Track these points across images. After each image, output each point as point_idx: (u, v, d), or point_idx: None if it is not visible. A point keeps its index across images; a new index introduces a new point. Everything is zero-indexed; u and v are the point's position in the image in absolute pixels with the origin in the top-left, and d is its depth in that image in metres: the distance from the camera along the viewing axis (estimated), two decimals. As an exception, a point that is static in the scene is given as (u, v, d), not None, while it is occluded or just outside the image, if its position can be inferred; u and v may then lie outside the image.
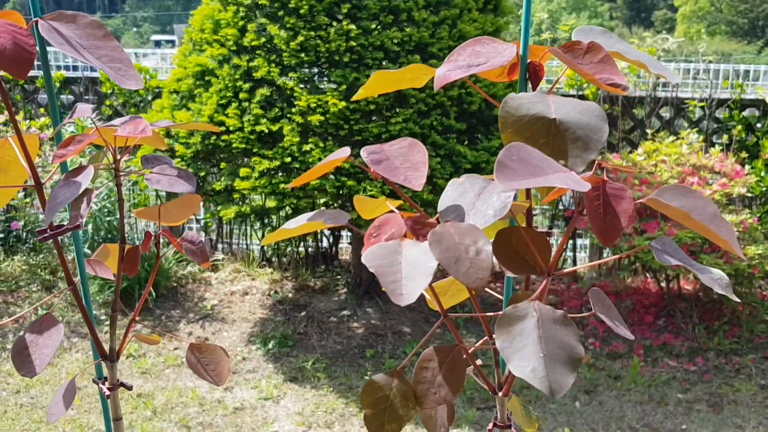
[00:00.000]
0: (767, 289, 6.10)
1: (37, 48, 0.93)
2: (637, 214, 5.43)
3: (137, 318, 1.31)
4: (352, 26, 4.78)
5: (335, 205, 5.05)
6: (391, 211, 1.05)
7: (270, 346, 5.34)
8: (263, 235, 6.82)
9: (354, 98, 1.16)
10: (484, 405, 4.68)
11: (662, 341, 5.41)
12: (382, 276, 0.83)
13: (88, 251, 6.02)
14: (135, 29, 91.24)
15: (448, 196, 0.96)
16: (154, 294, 5.93)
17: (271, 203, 4.88)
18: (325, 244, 6.78)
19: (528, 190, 1.07)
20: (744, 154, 6.07)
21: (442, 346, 1.07)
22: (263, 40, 4.98)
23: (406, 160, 0.93)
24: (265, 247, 6.84)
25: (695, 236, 5.11)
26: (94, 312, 5.79)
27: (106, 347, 1.32)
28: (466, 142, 5.16)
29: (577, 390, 4.87)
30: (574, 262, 6.96)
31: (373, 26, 4.90)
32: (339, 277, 6.40)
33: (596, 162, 0.97)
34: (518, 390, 4.83)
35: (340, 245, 6.88)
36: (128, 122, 1.03)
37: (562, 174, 0.86)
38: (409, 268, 0.84)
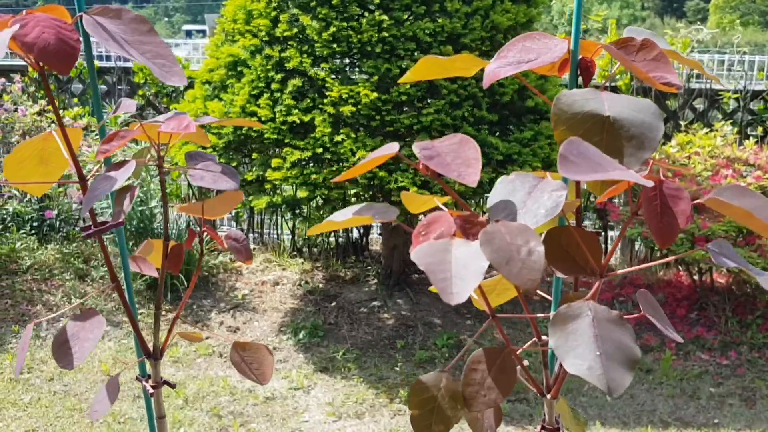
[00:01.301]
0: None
1: (81, 43, 0.93)
2: (670, 206, 5.38)
3: (181, 314, 1.31)
4: (385, 17, 4.77)
5: (366, 195, 5.05)
6: (438, 208, 1.04)
7: (301, 336, 5.36)
8: (294, 226, 6.84)
9: (401, 81, 1.15)
10: (515, 397, 4.67)
11: (694, 335, 5.37)
12: (432, 274, 0.83)
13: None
14: (166, 19, 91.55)
15: (498, 194, 0.95)
16: (185, 283, 5.96)
17: (302, 194, 4.88)
18: (355, 234, 6.79)
19: (578, 189, 1.05)
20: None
21: (492, 348, 1.06)
22: (295, 30, 4.98)
23: (458, 156, 0.92)
24: (296, 237, 6.85)
25: (728, 229, 5.07)
26: (126, 301, 5.83)
27: (149, 345, 1.32)
28: (498, 133, 5.13)
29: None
30: (605, 253, 6.91)
31: (405, 17, 4.88)
32: (369, 267, 6.40)
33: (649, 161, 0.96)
34: (549, 382, 4.82)
35: (370, 236, 6.89)
36: (172, 118, 1.03)
37: (623, 170, 0.85)
38: (459, 268, 0.83)
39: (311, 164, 4.89)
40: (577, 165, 0.83)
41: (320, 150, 4.79)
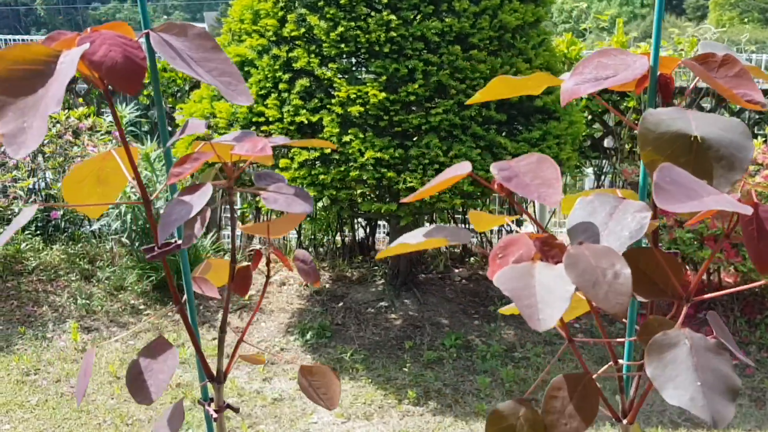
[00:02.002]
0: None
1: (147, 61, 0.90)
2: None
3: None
4: (393, 17, 4.75)
5: (372, 196, 5.03)
6: (507, 226, 1.01)
7: (308, 337, 5.34)
8: (300, 225, 6.82)
9: (471, 101, 1.12)
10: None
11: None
12: (517, 299, 0.81)
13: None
14: (165, 17, 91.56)
15: (577, 215, 0.92)
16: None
17: (310, 194, 4.86)
18: (361, 234, 6.77)
19: (655, 208, 1.03)
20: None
21: (572, 374, 1.03)
22: (303, 30, 4.96)
23: (536, 176, 0.90)
24: (302, 237, 6.83)
25: (738, 229, 5.04)
26: (132, 301, 5.82)
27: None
28: (506, 133, 5.11)
29: (617, 383, 4.83)
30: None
31: (413, 16, 4.87)
32: (376, 267, 6.38)
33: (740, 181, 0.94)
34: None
35: (376, 235, 6.87)
36: (245, 140, 1.00)
37: (718, 197, 0.83)
38: (544, 293, 0.81)
39: (319, 164, 4.87)
40: (671, 194, 0.81)
41: (328, 151, 4.77)
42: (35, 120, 0.77)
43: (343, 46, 4.84)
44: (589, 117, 6.41)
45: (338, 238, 6.76)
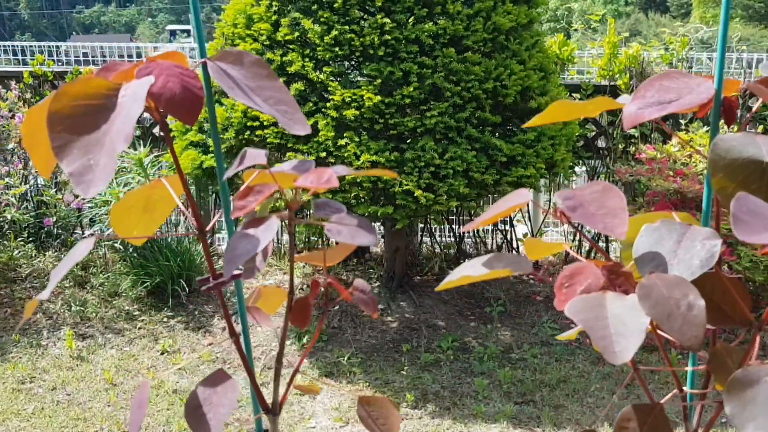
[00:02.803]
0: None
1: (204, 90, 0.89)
2: (672, 205, 5.38)
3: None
4: (387, 20, 4.75)
5: (367, 199, 5.02)
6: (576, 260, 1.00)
7: (305, 340, 5.33)
8: (294, 229, 6.80)
9: (528, 125, 1.11)
10: (522, 399, 4.65)
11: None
12: (590, 331, 0.79)
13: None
14: (150, 19, 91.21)
15: (642, 243, 0.91)
16: (187, 289, 5.93)
17: (305, 197, 4.85)
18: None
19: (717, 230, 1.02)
20: (733, 128, 5.99)
21: (641, 404, 1.01)
22: (297, 34, 4.95)
23: (602, 206, 0.89)
24: (296, 241, 6.82)
25: (726, 227, 5.06)
26: (126, 308, 5.80)
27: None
28: (501, 135, 5.12)
29: (615, 383, 4.84)
30: (607, 252, 6.90)
31: (407, 19, 4.86)
32: (372, 270, 6.38)
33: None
34: (555, 383, 4.81)
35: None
36: (309, 171, 0.98)
37: None
38: (618, 324, 0.80)
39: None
40: (750, 225, 0.80)
41: (324, 154, 4.77)
42: (101, 157, 0.76)
43: (337, 49, 4.84)
44: (582, 117, 6.41)
45: (332, 241, 6.75)
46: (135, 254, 5.96)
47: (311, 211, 1.03)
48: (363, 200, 5.00)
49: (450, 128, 4.83)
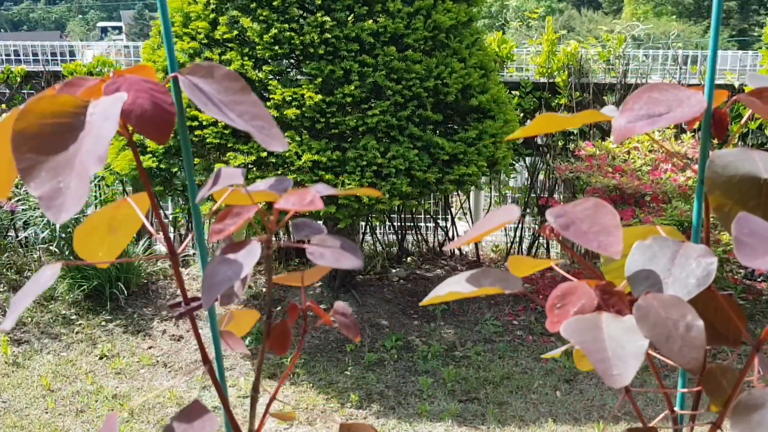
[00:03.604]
0: (738, 273, 6.17)
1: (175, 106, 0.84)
2: (612, 201, 5.44)
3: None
4: (327, 18, 4.71)
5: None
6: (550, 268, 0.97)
7: (246, 342, 5.27)
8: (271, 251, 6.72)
9: (512, 137, 1.08)
10: (466, 397, 4.66)
11: None
12: (589, 354, 0.77)
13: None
14: (80, 16, 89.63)
15: (635, 261, 0.88)
16: (125, 292, 5.82)
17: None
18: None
19: (707, 240, 1.00)
20: (716, 141, 6.09)
21: (636, 428, 0.99)
22: (235, 32, 4.88)
23: (594, 223, 0.86)
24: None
25: (670, 223, 5.13)
26: (63, 312, 5.67)
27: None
28: (443, 133, 5.12)
29: (558, 379, 4.88)
30: (547, 248, 6.96)
31: (347, 17, 4.83)
32: (309, 266, 6.33)
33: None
34: (499, 381, 4.83)
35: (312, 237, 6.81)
36: (290, 192, 0.93)
37: None
38: (615, 347, 0.77)
39: (255, 169, 4.80)
40: (754, 248, 0.78)
41: (264, 154, 4.71)
42: (71, 179, 0.71)
43: (276, 48, 4.78)
44: (522, 115, 6.45)
45: (273, 240, 6.67)
46: (71, 257, 5.84)
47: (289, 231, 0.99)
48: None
49: (392, 127, 4.81)
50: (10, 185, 0.84)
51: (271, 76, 4.88)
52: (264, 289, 6.02)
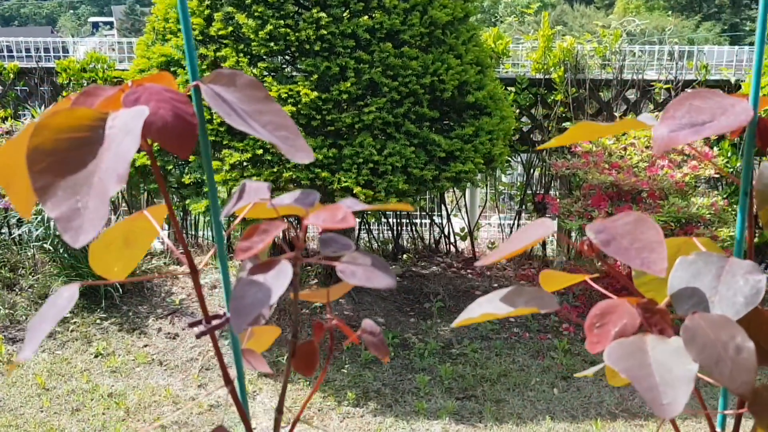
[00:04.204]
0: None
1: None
2: (608, 198, 5.42)
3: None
4: (323, 14, 4.68)
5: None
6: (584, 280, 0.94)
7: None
8: (229, 226, 6.69)
9: (546, 146, 1.05)
10: (463, 395, 4.65)
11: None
12: (635, 381, 0.73)
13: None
14: (72, 11, 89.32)
15: (679, 278, 0.84)
16: (120, 290, 5.79)
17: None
18: (292, 233, 6.68)
19: (750, 255, 0.97)
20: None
21: None
22: (230, 29, 4.85)
23: (635, 239, 0.82)
24: (231, 238, 6.72)
25: (668, 220, 5.12)
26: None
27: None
28: (439, 130, 5.09)
29: (555, 376, 4.86)
30: (543, 246, 6.95)
31: (343, 14, 4.80)
32: (309, 267, 6.31)
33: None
34: (496, 378, 4.82)
35: (308, 233, 6.79)
36: (323, 209, 0.89)
37: None
38: (663, 372, 0.73)
39: (250, 166, 4.77)
40: None
41: (260, 151, 4.69)
42: (90, 199, 0.67)
43: (272, 44, 4.75)
44: (517, 111, 6.43)
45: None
46: (66, 255, 5.80)
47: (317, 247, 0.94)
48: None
49: (388, 124, 4.79)
50: (31, 205, 0.80)
51: (266, 73, 4.85)
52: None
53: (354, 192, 4.63)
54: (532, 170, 6.77)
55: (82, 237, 0.65)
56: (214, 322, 0.91)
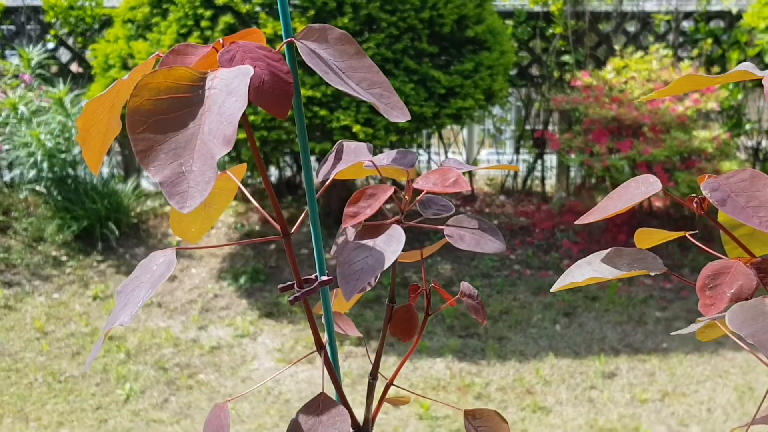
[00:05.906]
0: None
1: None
2: (609, 132, 5.36)
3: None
4: (318, -53, 4.55)
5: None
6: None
7: (242, 281, 5.21)
8: (224, 167, 6.62)
9: (650, 97, 0.97)
10: (465, 333, 4.64)
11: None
12: (763, 347, 0.68)
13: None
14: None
15: None
16: (116, 232, 5.73)
17: (240, 135, 4.69)
18: (288, 172, 6.62)
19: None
20: (717, 69, 6.01)
21: None
22: (223, -38, 4.72)
23: (752, 197, 0.77)
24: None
25: (670, 155, 5.07)
26: (53, 253, 5.58)
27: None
28: (439, 66, 5.00)
29: (557, 313, 4.85)
30: (543, 181, 6.89)
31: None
32: (306, 207, 6.26)
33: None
34: (498, 315, 4.80)
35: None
36: (432, 172, 0.84)
37: None
38: None
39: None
40: None
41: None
42: (194, 162, 0.62)
43: (266, -22, 4.63)
44: (516, 45, 6.33)
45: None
46: (59, 197, 5.72)
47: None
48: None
49: (387, 60, 4.69)
50: (101, 159, 0.78)
51: (259, 8, 4.73)
52: (257, 228, 5.94)
53: (353, 130, 4.56)
54: (531, 105, 6.68)
55: (189, 202, 0.61)
56: (307, 287, 0.86)
